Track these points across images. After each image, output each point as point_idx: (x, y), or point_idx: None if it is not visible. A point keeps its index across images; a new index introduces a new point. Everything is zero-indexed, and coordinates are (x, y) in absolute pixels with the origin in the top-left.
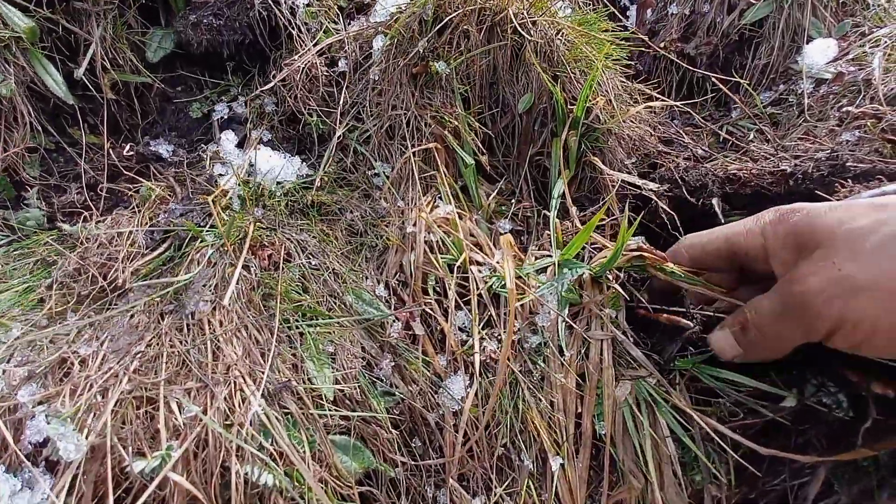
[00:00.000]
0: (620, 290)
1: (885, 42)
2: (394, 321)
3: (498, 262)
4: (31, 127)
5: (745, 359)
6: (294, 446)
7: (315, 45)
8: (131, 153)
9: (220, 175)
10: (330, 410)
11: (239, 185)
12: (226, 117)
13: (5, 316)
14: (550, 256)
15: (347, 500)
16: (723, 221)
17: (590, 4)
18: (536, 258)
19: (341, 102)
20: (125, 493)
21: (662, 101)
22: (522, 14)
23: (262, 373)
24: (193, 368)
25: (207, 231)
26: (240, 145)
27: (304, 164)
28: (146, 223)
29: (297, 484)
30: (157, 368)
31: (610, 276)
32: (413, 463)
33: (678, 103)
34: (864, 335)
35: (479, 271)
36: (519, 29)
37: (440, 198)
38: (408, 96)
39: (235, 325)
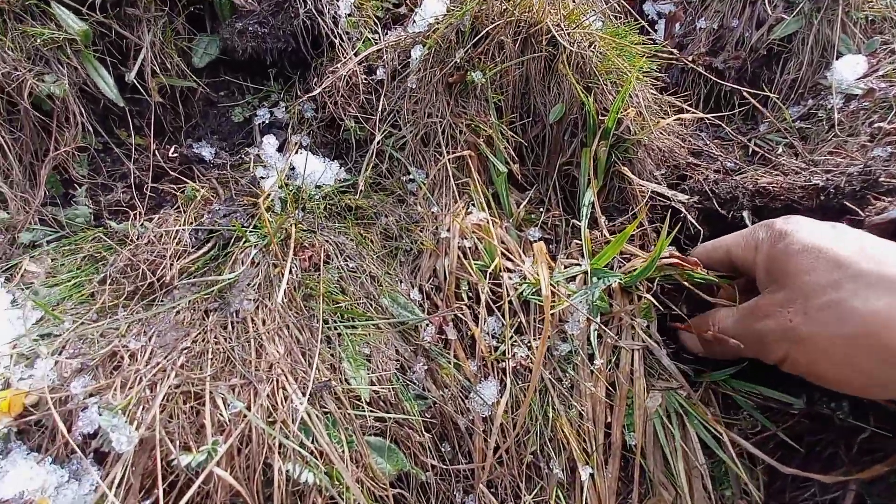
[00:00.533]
0: (653, 300)
1: None
2: (427, 325)
3: (529, 269)
4: (83, 127)
5: (704, 355)
6: (333, 445)
7: (356, 55)
8: (175, 155)
9: (262, 178)
10: (366, 411)
11: (281, 187)
12: (267, 122)
13: (57, 309)
14: (579, 265)
15: (381, 501)
16: None
17: (620, 18)
18: (565, 266)
19: (379, 109)
20: (170, 487)
21: (693, 113)
22: (558, 25)
23: (304, 372)
24: (238, 365)
25: (251, 232)
26: (280, 149)
27: (342, 168)
28: (191, 223)
29: (336, 483)
30: (202, 364)
31: (640, 286)
32: (443, 467)
33: (708, 116)
34: (802, 372)
35: (510, 278)
36: (557, 38)
37: (473, 204)
38: (443, 105)
39: (277, 324)
